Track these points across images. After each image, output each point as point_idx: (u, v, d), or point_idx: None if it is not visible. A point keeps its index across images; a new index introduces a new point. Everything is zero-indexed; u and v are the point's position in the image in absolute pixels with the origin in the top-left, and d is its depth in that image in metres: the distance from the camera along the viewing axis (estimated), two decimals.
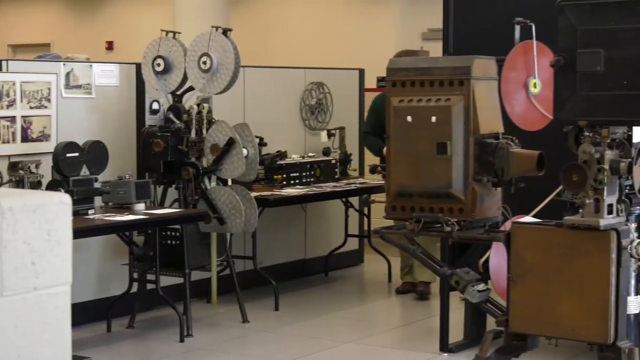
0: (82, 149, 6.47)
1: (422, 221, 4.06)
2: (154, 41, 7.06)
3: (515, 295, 3.89)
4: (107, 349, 6.46)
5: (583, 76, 3.70)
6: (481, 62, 4.11)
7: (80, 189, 6.37)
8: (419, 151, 4.06)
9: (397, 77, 4.15)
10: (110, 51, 15.08)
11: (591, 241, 3.71)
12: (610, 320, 3.67)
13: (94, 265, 7.10)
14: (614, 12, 3.66)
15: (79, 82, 7.01)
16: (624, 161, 3.71)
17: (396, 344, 6.56)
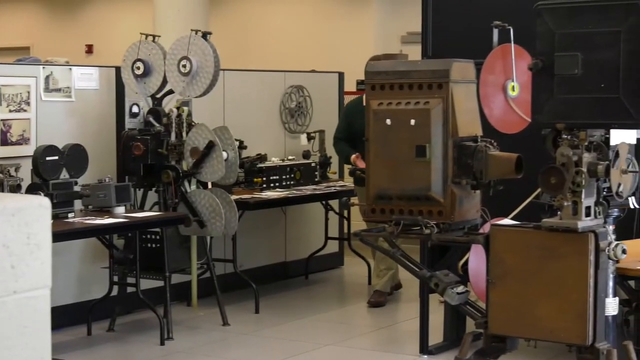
0: (62, 152, 6.45)
1: (402, 224, 4.06)
2: (133, 44, 7.05)
3: (494, 297, 3.90)
4: (87, 353, 6.44)
5: (561, 79, 3.71)
6: (460, 65, 4.11)
7: (60, 192, 6.35)
8: (398, 154, 4.07)
9: (376, 80, 4.15)
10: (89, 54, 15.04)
11: (569, 243, 3.72)
12: (589, 322, 3.68)
13: (74, 269, 7.07)
14: (591, 15, 3.67)
15: (59, 85, 6.98)
16: (601, 164, 3.73)
17: (376, 347, 6.57)
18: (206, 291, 7.15)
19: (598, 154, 3.76)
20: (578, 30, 3.69)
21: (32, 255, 2.07)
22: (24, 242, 2.06)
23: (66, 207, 6.40)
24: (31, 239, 2.07)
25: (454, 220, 4.03)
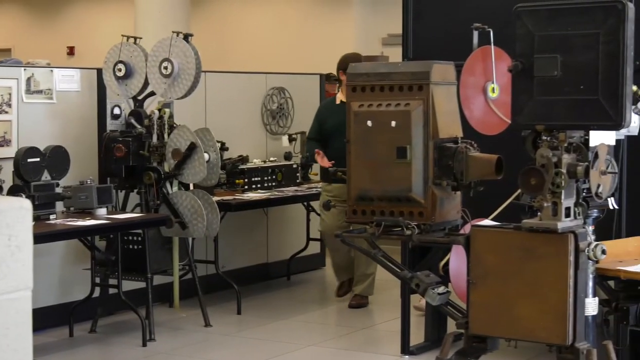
0: (44, 154, 6.43)
1: (383, 225, 4.06)
2: (115, 46, 7.03)
3: (475, 297, 3.90)
4: (69, 354, 6.42)
5: (540, 81, 3.72)
6: (440, 67, 4.12)
7: (42, 194, 6.33)
8: (379, 155, 4.07)
9: (357, 82, 4.15)
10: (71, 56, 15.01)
11: (549, 244, 3.73)
12: (569, 322, 3.69)
13: (55, 270, 7.05)
14: (570, 17, 3.68)
15: (40, 87, 6.96)
16: (581, 165, 3.74)
17: (358, 347, 6.57)
18: (188, 292, 7.14)
19: (577, 155, 3.77)
20: (557, 32, 3.70)
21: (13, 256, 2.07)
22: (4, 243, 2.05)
23: (48, 208, 6.38)
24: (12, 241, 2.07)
25: (434, 221, 4.04)
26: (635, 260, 4.59)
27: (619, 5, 3.60)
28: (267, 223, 8.73)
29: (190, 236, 6.93)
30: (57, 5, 15.37)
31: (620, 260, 4.56)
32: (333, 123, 7.48)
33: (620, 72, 3.59)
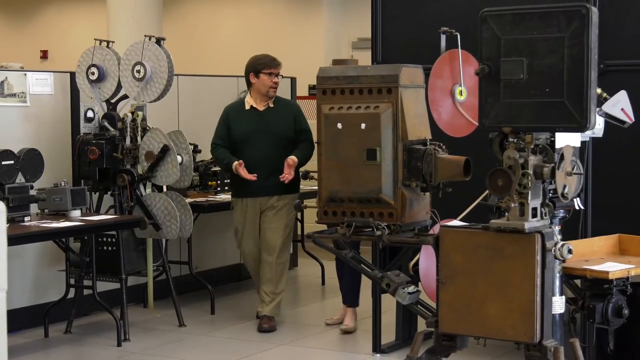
0: (18, 156, 6.39)
1: (353, 225, 4.06)
2: (87, 50, 7.00)
3: (444, 296, 3.91)
4: (44, 355, 6.39)
5: (507, 84, 3.73)
6: (409, 71, 4.12)
7: (16, 196, 6.30)
8: (349, 157, 4.07)
9: (327, 85, 4.15)
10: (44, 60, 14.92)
11: (516, 244, 3.74)
12: (536, 320, 3.70)
13: (30, 272, 7.01)
14: (535, 22, 3.69)
15: (14, 90, 6.92)
16: (547, 166, 3.75)
17: (330, 346, 6.56)
18: (162, 293, 7.12)
19: (544, 157, 3.79)
20: (523, 36, 3.71)
21: None
22: None
23: (22, 210, 6.35)
24: None
25: (404, 221, 4.04)
26: (601, 260, 4.61)
27: (583, 9, 3.61)
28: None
29: (163, 237, 6.92)
30: (30, 9, 15.27)
31: (586, 259, 4.58)
32: (243, 130, 6.83)
33: (584, 75, 3.60)
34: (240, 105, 6.96)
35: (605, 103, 4.64)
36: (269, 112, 6.88)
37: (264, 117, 6.85)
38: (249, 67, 6.89)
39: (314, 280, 8.83)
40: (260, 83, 6.83)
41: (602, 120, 4.63)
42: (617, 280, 4.33)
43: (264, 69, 6.82)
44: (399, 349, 6.26)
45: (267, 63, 6.88)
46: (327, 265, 8.74)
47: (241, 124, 6.84)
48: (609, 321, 4.30)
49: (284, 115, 6.91)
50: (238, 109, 6.94)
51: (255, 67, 6.83)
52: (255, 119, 6.85)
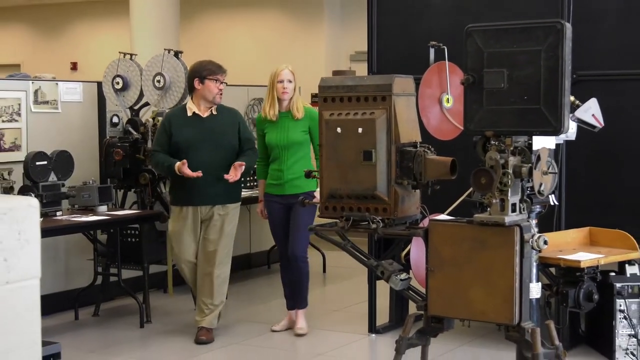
0: (50, 157, 6.41)
1: (351, 219, 4.06)
2: (113, 62, 7.02)
3: (433, 283, 3.91)
4: (74, 335, 6.39)
5: (489, 92, 3.73)
6: (401, 81, 4.12)
7: (49, 193, 6.31)
8: (347, 158, 4.06)
9: (327, 93, 4.15)
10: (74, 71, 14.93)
11: (498, 236, 3.74)
12: (515, 304, 3.70)
13: (61, 261, 7.03)
14: (515, 36, 3.69)
15: (47, 98, 6.93)
16: (525, 166, 3.75)
17: (331, 327, 6.57)
18: (180, 279, 7.12)
19: (522, 158, 3.79)
20: (504, 49, 3.71)
21: (23, 249, 2.06)
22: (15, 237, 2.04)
23: (54, 206, 6.37)
24: (22, 235, 2.06)
25: (397, 216, 4.04)
26: (573, 250, 4.62)
27: (558, 25, 3.61)
28: (249, 218, 8.71)
29: None
30: (61, 24, 15.28)
31: (560, 249, 4.59)
32: (186, 137, 5.97)
33: (559, 84, 3.60)
34: (182, 112, 6.09)
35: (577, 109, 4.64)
36: (212, 119, 6.03)
37: (207, 124, 6.00)
38: (193, 73, 6.04)
39: (316, 268, 8.82)
40: (205, 89, 5.97)
41: (575, 125, 4.63)
42: (588, 269, 4.34)
43: (209, 75, 5.98)
44: (392, 330, 6.27)
45: (214, 69, 6.04)
46: (328, 255, 8.76)
47: (184, 131, 5.99)
48: (581, 305, 4.31)
49: (228, 123, 6.08)
50: (179, 116, 6.07)
51: (201, 73, 5.98)
52: (198, 126, 5.99)
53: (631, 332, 5.43)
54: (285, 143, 6.11)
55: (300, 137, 6.12)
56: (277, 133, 6.12)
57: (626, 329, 5.44)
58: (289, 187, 6.13)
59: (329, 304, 7.34)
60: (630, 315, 5.42)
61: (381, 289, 6.24)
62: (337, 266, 8.71)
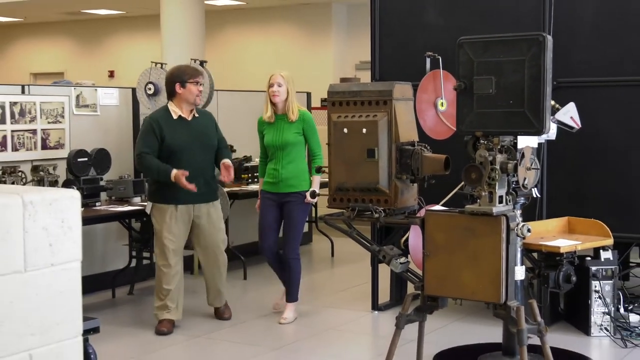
0: (90, 155, 6.43)
1: (356, 209, 4.07)
2: (145, 70, 7.02)
3: (429, 266, 3.91)
4: (112, 312, 6.41)
5: (479, 97, 3.73)
6: (400, 87, 4.12)
7: (89, 186, 6.33)
8: (353, 155, 4.07)
9: (335, 98, 4.15)
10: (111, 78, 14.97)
11: (486, 224, 3.74)
12: (502, 285, 3.70)
13: (100, 246, 7.04)
14: (502, 47, 3.69)
15: (87, 102, 6.94)
16: (511, 163, 3.75)
17: (338, 305, 6.57)
18: None
19: (508, 155, 3.79)
20: (492, 59, 3.71)
21: (66, 235, 2.07)
22: (59, 225, 2.05)
23: (93, 197, 6.39)
24: (65, 223, 2.07)
25: (397, 206, 4.04)
26: (553, 237, 4.61)
27: (540, 37, 3.61)
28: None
29: None
30: (100, 37, 15.31)
31: (542, 237, 4.59)
32: (179, 140, 5.56)
33: (541, 90, 3.60)
34: (167, 115, 5.60)
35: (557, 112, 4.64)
36: (196, 122, 5.67)
37: (193, 126, 5.64)
38: (174, 78, 5.60)
39: (325, 253, 8.85)
40: (187, 92, 5.56)
41: (555, 126, 4.63)
42: (566, 254, 4.34)
43: (190, 78, 5.58)
44: (393, 307, 6.27)
45: (192, 73, 5.65)
46: (335, 242, 8.76)
47: (176, 135, 5.56)
48: (560, 286, 4.31)
49: (208, 124, 5.77)
50: (166, 119, 5.59)
51: (182, 78, 5.57)
52: (188, 129, 5.62)
53: (605, 310, 5.43)
54: (280, 143, 5.85)
55: (294, 138, 5.85)
56: (273, 134, 5.88)
57: (600, 307, 5.44)
58: (283, 186, 5.87)
59: (336, 285, 7.35)
60: (604, 295, 5.42)
61: (383, 272, 6.24)
62: (344, 251, 8.72)
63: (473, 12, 5.87)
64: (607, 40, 5.51)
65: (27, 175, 6.14)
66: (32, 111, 6.47)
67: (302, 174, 5.88)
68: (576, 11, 5.57)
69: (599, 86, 5.53)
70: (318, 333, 5.74)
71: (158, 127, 5.53)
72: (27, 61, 16.17)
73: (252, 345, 5.42)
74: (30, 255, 1.98)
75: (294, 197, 5.85)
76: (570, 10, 5.58)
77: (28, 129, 6.43)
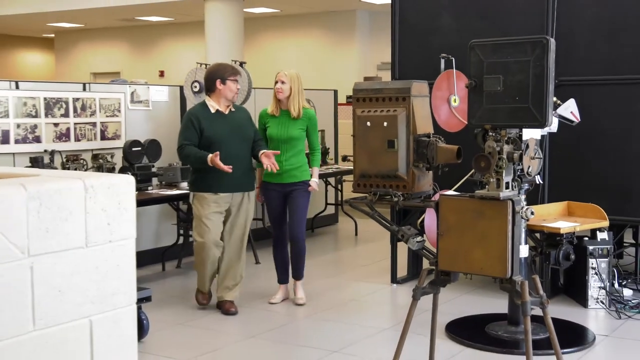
0: (143, 145, 6.46)
1: (378, 194, 4.06)
2: (191, 70, 7.04)
3: (442, 244, 3.90)
4: (162, 283, 6.46)
5: (488, 94, 3.70)
6: (417, 85, 4.10)
7: (142, 172, 6.37)
8: (375, 146, 4.06)
9: (360, 95, 4.14)
10: (162, 77, 15.03)
11: (494, 207, 3.72)
12: (508, 262, 3.68)
13: (152, 225, 7.09)
14: (509, 49, 3.66)
15: (140, 98, 6.97)
16: (516, 152, 3.72)
17: (361, 278, 6.58)
18: None
19: (514, 146, 3.75)
20: (500, 59, 3.67)
21: (122, 216, 2.08)
22: (116, 206, 2.06)
23: (146, 182, 6.42)
24: (121, 205, 2.08)
25: (414, 191, 4.03)
26: (554, 219, 4.58)
27: (544, 40, 3.57)
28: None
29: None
30: (152, 41, 15.38)
31: (544, 219, 4.55)
32: (218, 132, 5.30)
33: (544, 88, 3.56)
34: (205, 110, 5.37)
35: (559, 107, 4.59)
36: (232, 115, 5.42)
37: (230, 120, 5.39)
38: (215, 74, 5.35)
39: (349, 233, 8.85)
40: (227, 89, 5.33)
41: (557, 120, 4.58)
42: (566, 234, 4.30)
43: (230, 76, 5.34)
44: (409, 281, 6.26)
45: (232, 71, 5.39)
46: (359, 222, 8.75)
47: (215, 127, 5.31)
48: (560, 263, 4.28)
49: (244, 118, 5.51)
50: (204, 113, 5.36)
51: (222, 75, 5.32)
52: (225, 122, 5.36)
53: (601, 285, 5.38)
54: (285, 137, 5.54)
55: (298, 133, 5.55)
56: (278, 128, 5.56)
57: (597, 282, 5.39)
58: (286, 177, 5.55)
59: (359, 260, 7.35)
60: (600, 272, 5.37)
61: (401, 249, 6.23)
62: (366, 231, 8.72)
63: (483, 17, 5.83)
64: (605, 42, 5.44)
65: (87, 162, 6.19)
66: (92, 106, 6.52)
67: (303, 165, 5.62)
68: (576, 16, 5.51)
69: (597, 84, 5.47)
70: (343, 303, 5.75)
71: (197, 120, 5.29)
72: (88, 62, 16.29)
73: (287, 314, 5.44)
74: (90, 233, 2.00)
75: (297, 186, 5.58)
76: (571, 15, 5.52)
77: (89, 122, 6.48)
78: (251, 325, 5.17)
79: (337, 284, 6.39)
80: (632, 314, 5.23)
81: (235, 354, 4.59)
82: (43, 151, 6.02)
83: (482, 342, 4.64)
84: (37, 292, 1.87)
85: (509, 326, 4.82)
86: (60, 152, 6.07)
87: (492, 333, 4.79)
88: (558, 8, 5.50)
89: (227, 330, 5.06)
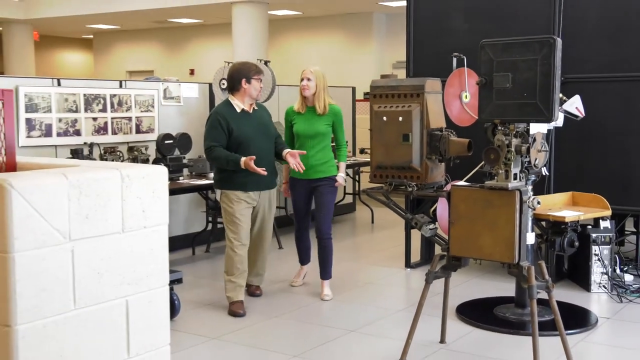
0: (175, 138, 6.48)
1: (393, 184, 4.05)
2: (220, 68, 7.04)
3: (453, 232, 3.88)
4: (191, 266, 6.49)
5: (497, 91, 3.67)
6: (431, 82, 4.07)
7: (174, 163, 6.39)
8: (390, 139, 4.04)
9: (377, 91, 4.12)
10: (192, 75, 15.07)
11: (503, 197, 3.69)
12: (516, 248, 3.66)
13: (183, 212, 7.12)
14: (517, 49, 3.62)
15: (172, 95, 7.00)
16: (524, 146, 3.69)
17: (376, 262, 6.57)
18: None
19: (522, 139, 3.73)
20: (509, 58, 3.64)
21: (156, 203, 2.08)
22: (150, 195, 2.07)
23: (177, 173, 6.44)
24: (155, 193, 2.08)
25: (427, 182, 4.01)
26: (559, 209, 4.54)
27: (551, 40, 3.53)
28: None
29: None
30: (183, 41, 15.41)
31: (550, 208, 4.51)
32: (246, 131, 4.97)
33: (551, 85, 3.53)
34: (230, 109, 5.00)
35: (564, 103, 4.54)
36: (257, 114, 5.10)
37: (256, 118, 5.07)
38: (240, 74, 5.00)
39: (366, 220, 8.83)
40: (252, 88, 4.99)
41: (562, 115, 4.53)
42: (570, 223, 4.27)
43: (255, 75, 5.01)
44: (423, 266, 6.24)
45: (257, 70, 5.07)
46: (375, 211, 8.74)
47: (243, 127, 4.98)
48: (564, 250, 4.24)
49: (267, 116, 5.22)
50: (231, 113, 5.00)
51: (247, 74, 4.98)
52: (252, 121, 5.04)
53: (603, 270, 5.33)
54: (311, 133, 5.30)
55: (324, 129, 5.31)
56: (304, 124, 5.33)
57: (599, 268, 5.34)
58: (312, 172, 5.30)
59: (375, 246, 7.33)
60: (602, 258, 5.32)
61: (414, 236, 6.21)
62: (382, 219, 8.70)
63: (493, 18, 5.78)
64: (608, 41, 5.38)
65: (124, 154, 6.23)
66: (128, 102, 6.55)
67: (330, 161, 5.37)
68: (581, 17, 5.45)
69: (601, 81, 5.42)
70: (360, 286, 5.74)
71: (224, 120, 4.92)
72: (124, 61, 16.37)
73: (309, 296, 5.45)
74: (126, 219, 2.01)
75: (324, 181, 5.33)
76: (576, 15, 5.46)
77: (125, 116, 6.52)
78: (275, 305, 5.19)
79: (354, 268, 6.38)
80: (632, 298, 5.19)
81: (259, 331, 4.61)
82: (83, 144, 6.07)
83: (490, 324, 4.62)
84: (77, 274, 1.89)
85: (516, 308, 4.80)
86: (99, 144, 6.11)
87: (500, 315, 4.77)
88: (564, 9, 5.45)
89: (252, 310, 5.08)
